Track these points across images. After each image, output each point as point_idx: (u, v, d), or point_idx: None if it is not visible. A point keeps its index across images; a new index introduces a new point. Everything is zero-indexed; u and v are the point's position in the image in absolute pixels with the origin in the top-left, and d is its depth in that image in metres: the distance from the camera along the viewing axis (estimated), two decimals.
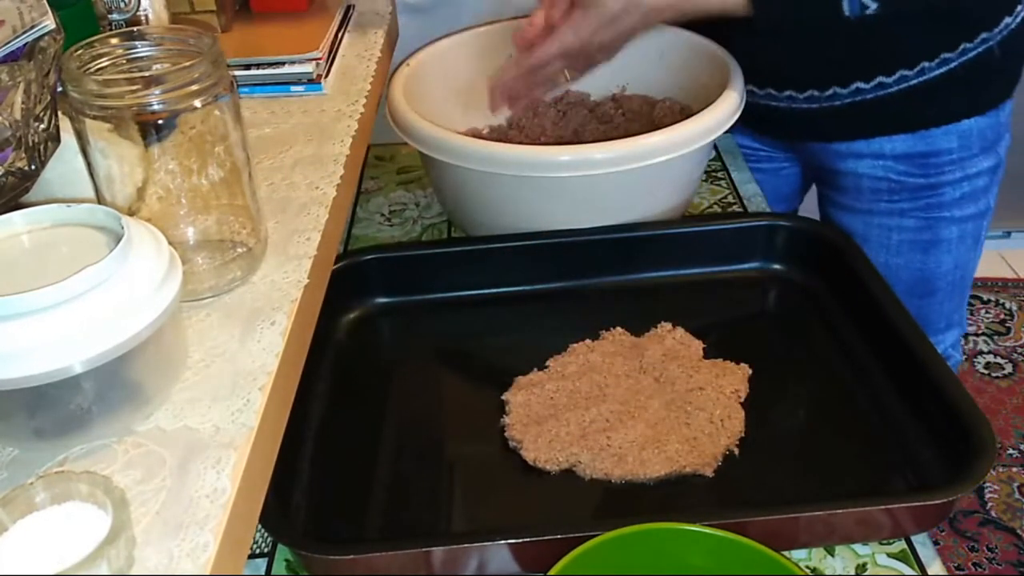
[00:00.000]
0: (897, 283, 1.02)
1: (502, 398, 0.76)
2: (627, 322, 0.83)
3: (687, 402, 0.74)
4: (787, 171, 1.18)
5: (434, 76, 1.01)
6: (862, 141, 0.99)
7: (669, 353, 0.80)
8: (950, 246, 1.02)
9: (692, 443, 0.71)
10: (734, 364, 0.78)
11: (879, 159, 0.99)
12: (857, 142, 1.00)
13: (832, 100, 0.96)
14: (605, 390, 0.76)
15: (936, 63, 0.92)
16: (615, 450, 0.70)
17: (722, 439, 0.71)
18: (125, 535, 0.42)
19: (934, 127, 0.96)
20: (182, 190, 0.57)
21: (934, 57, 0.91)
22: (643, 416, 0.73)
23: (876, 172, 1.00)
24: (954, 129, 0.96)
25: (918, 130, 0.96)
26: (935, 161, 0.97)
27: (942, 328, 1.10)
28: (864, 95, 0.94)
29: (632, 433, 0.71)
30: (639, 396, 0.75)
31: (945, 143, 0.96)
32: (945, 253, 1.03)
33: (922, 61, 0.92)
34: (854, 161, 1.01)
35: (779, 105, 1.00)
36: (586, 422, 0.72)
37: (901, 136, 0.97)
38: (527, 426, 0.73)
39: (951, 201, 1.00)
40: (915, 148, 0.97)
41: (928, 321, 1.07)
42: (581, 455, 0.70)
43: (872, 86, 0.93)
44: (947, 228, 1.01)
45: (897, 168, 0.99)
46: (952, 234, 1.02)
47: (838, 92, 0.95)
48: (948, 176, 0.98)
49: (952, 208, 1.00)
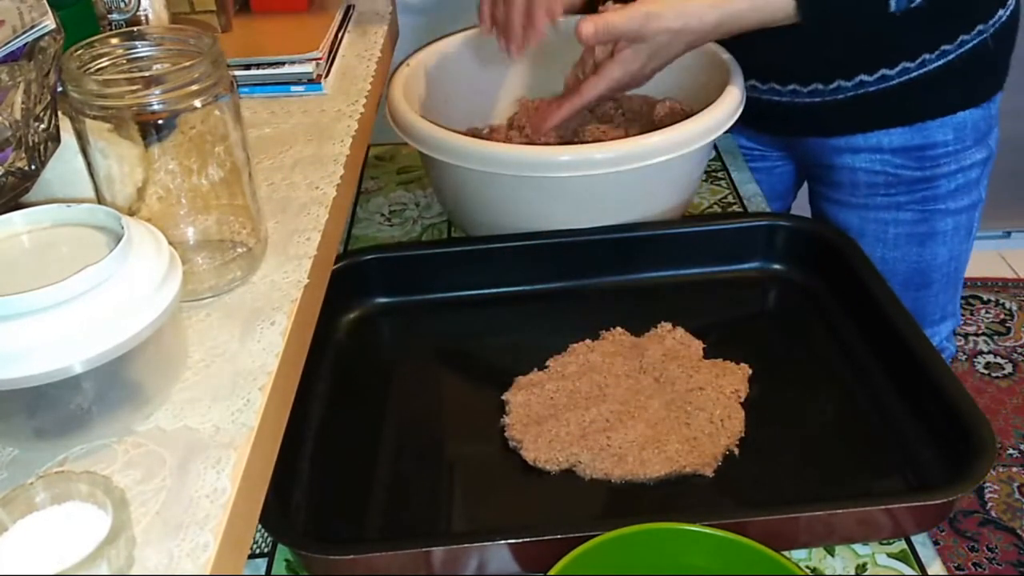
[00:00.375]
0: (893, 276, 1.03)
1: (502, 398, 0.76)
2: (627, 322, 0.83)
3: (687, 402, 0.74)
4: (780, 169, 1.19)
5: (434, 76, 1.01)
6: (860, 135, 1.00)
7: (669, 353, 0.79)
8: (945, 238, 1.04)
9: (692, 443, 0.71)
10: (734, 364, 0.78)
11: (877, 153, 1.00)
12: (856, 136, 1.01)
13: (835, 93, 0.97)
14: (605, 390, 0.76)
15: (936, 55, 0.93)
16: (615, 450, 0.70)
17: (722, 439, 0.71)
18: (125, 535, 0.42)
19: (931, 119, 0.97)
20: (182, 190, 0.57)
21: (934, 49, 0.93)
22: (643, 416, 0.73)
23: (873, 166, 1.01)
24: (949, 121, 0.97)
25: (915, 123, 0.98)
26: (931, 154, 0.99)
27: (937, 320, 1.11)
28: (867, 88, 0.96)
29: (632, 433, 0.71)
30: (639, 396, 0.75)
31: (941, 135, 0.98)
32: (941, 245, 1.04)
33: (923, 53, 0.93)
34: (851, 156, 1.02)
35: (781, 100, 1.01)
36: (586, 422, 0.72)
37: (899, 129, 0.98)
38: (527, 426, 0.73)
39: (946, 193, 1.01)
40: (912, 141, 0.99)
41: (924, 313, 1.09)
42: (581, 455, 0.70)
43: (875, 79, 0.95)
44: (942, 220, 1.02)
45: (894, 162, 1.00)
46: (947, 226, 1.03)
47: (842, 85, 0.96)
48: (943, 168, 0.99)
49: (947, 200, 1.01)
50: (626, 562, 0.58)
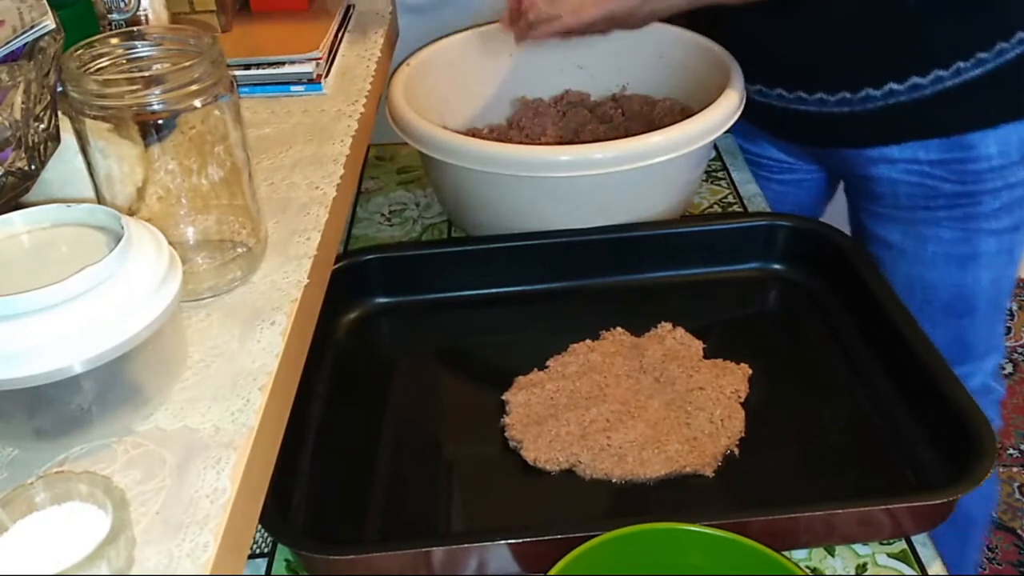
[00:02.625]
0: (934, 302, 0.98)
1: (502, 398, 0.76)
2: (627, 322, 0.83)
3: (687, 402, 0.74)
4: (808, 181, 1.14)
5: (434, 76, 1.01)
6: (895, 146, 0.94)
7: (669, 353, 0.79)
8: (988, 260, 0.97)
9: (692, 443, 0.71)
10: (734, 364, 0.78)
11: (914, 164, 0.94)
12: (890, 147, 0.95)
13: (865, 103, 0.92)
14: (605, 390, 0.76)
15: (971, 63, 0.88)
16: (615, 450, 0.70)
17: (722, 439, 0.71)
18: (125, 535, 0.42)
19: (971, 132, 0.91)
20: (182, 190, 0.57)
21: (969, 56, 0.88)
22: (643, 416, 0.73)
23: (911, 178, 0.95)
24: (992, 135, 0.91)
25: (953, 135, 0.91)
26: (973, 168, 0.93)
27: (981, 353, 1.03)
28: (898, 97, 0.90)
29: (632, 433, 0.71)
30: (639, 396, 0.75)
31: (983, 149, 0.91)
32: (983, 268, 0.97)
33: (956, 61, 0.88)
34: (887, 167, 0.96)
35: (808, 109, 0.95)
36: (586, 422, 0.72)
37: (936, 141, 0.92)
38: (527, 426, 0.73)
39: (990, 212, 0.94)
40: (951, 153, 0.92)
41: (968, 345, 1.02)
42: (581, 455, 0.70)
43: (906, 87, 0.90)
44: (985, 241, 0.96)
45: (933, 174, 0.94)
46: (990, 247, 0.96)
47: (871, 94, 0.91)
48: (987, 185, 0.93)
49: (990, 219, 0.95)
50: (626, 562, 0.58)
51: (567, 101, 1.08)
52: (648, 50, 1.05)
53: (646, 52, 1.05)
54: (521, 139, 1.03)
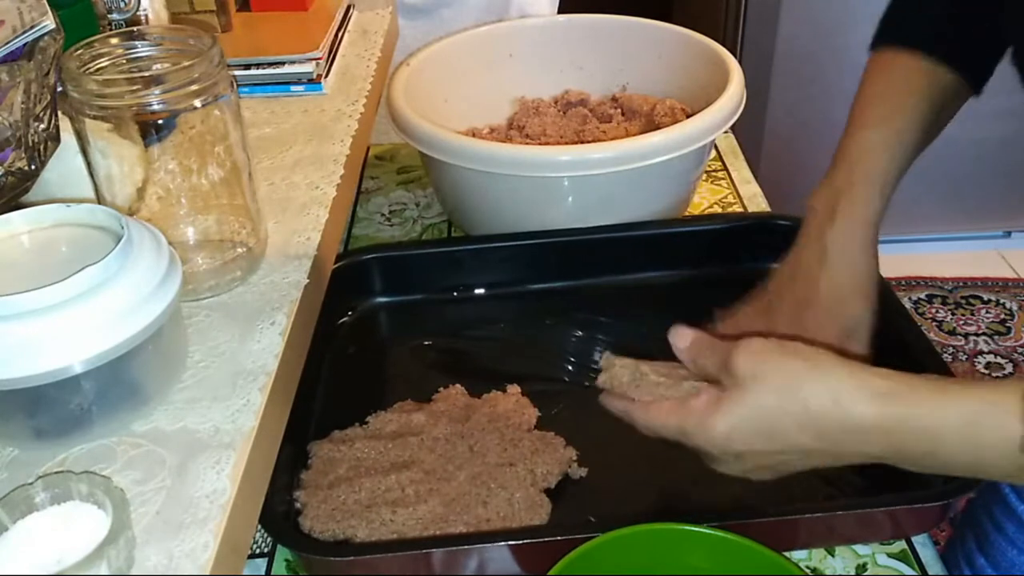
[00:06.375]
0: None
1: (306, 447, 0.70)
2: (626, 322, 0.83)
3: (492, 478, 0.67)
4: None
5: (434, 76, 1.01)
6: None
7: (497, 419, 0.72)
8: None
9: (484, 525, 0.64)
10: (562, 441, 0.70)
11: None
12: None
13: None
14: (417, 454, 0.69)
15: None
16: (396, 527, 0.64)
17: (514, 527, 0.63)
18: (125, 535, 0.42)
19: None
20: (182, 190, 0.58)
21: None
22: (443, 489, 0.66)
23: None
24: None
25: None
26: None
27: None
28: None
29: (422, 509, 0.64)
30: (448, 465, 0.68)
31: None
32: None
33: None
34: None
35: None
36: (381, 490, 0.66)
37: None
38: (318, 489, 0.66)
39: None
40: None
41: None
42: (359, 529, 0.63)
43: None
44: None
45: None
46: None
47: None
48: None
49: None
50: (626, 562, 0.58)
51: (567, 101, 1.08)
52: (648, 50, 1.05)
53: (646, 52, 1.05)
54: (521, 139, 1.03)
